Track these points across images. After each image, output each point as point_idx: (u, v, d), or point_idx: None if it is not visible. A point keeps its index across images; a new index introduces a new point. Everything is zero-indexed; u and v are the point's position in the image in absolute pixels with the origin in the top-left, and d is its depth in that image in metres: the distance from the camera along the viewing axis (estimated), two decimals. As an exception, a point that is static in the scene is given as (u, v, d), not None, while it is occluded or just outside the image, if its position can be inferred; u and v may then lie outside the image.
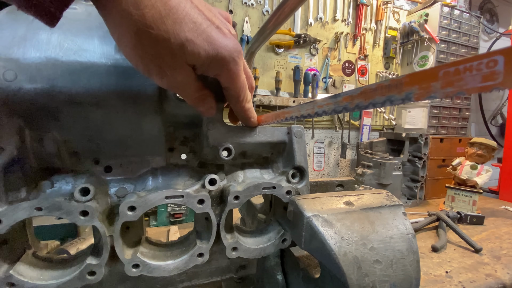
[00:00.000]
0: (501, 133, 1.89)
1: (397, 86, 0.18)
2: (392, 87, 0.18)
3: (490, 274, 0.65)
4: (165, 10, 0.21)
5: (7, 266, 0.27)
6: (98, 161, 0.33)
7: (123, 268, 0.29)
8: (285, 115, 0.33)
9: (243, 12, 1.17)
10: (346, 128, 1.42)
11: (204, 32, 0.23)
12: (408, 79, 0.17)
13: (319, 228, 0.28)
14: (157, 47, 0.22)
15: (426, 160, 1.19)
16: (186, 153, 0.37)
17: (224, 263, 0.41)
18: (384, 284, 0.26)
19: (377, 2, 1.43)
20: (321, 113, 0.26)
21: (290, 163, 0.37)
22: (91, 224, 0.27)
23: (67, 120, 0.29)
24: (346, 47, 1.41)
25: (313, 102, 0.27)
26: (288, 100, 1.23)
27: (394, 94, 0.18)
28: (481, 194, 1.01)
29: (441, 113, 1.41)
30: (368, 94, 0.20)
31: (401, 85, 0.18)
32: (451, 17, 1.38)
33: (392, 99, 0.18)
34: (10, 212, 0.25)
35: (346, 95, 0.22)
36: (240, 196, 0.32)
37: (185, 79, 0.25)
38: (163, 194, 0.29)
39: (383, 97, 0.19)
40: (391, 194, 0.34)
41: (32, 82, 0.26)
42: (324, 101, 0.25)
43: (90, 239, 0.66)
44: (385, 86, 0.19)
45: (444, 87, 0.15)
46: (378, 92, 0.20)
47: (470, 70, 0.14)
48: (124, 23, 0.21)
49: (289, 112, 0.32)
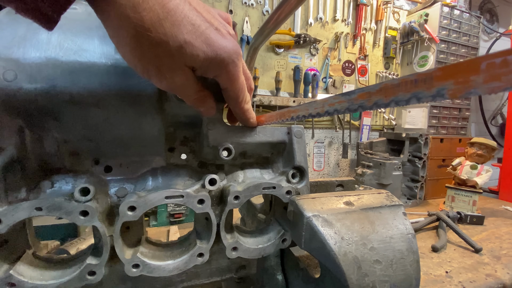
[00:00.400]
0: (501, 133, 1.89)
1: (426, 81, 0.16)
2: (420, 83, 0.16)
3: (490, 274, 0.65)
4: (163, 12, 0.21)
5: (7, 266, 0.27)
6: (98, 161, 0.33)
7: (123, 268, 0.29)
8: (291, 114, 0.31)
9: (243, 12, 1.17)
10: (346, 128, 1.42)
11: (203, 34, 0.23)
12: (440, 73, 0.15)
13: (319, 228, 0.28)
14: (155, 50, 0.22)
15: (426, 160, 1.19)
16: (186, 153, 0.37)
17: (224, 263, 0.41)
18: (384, 284, 0.26)
19: (377, 2, 1.43)
20: (332, 112, 0.24)
21: (290, 163, 0.37)
22: (91, 224, 0.27)
23: (67, 120, 0.29)
24: (346, 47, 1.41)
25: (323, 100, 0.25)
26: (288, 100, 1.23)
27: (422, 90, 0.16)
28: (481, 194, 1.01)
29: (441, 113, 1.41)
30: (389, 90, 0.18)
31: (431, 79, 0.15)
32: (451, 17, 1.38)
33: (420, 96, 0.16)
34: (10, 212, 0.25)
35: (362, 91, 0.20)
36: (240, 196, 0.32)
37: (184, 81, 0.25)
38: (163, 194, 0.29)
39: (408, 93, 0.17)
40: (391, 194, 0.34)
41: (32, 82, 0.26)
42: (336, 98, 0.23)
43: (90, 239, 0.66)
44: (411, 81, 0.16)
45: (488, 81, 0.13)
46: (401, 88, 0.17)
47: None
48: (123, 27, 0.21)
49: (295, 111, 0.30)
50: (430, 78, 0.15)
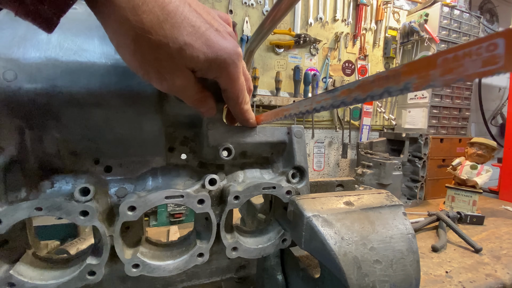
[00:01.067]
0: (501, 133, 1.89)
1: (395, 77, 0.17)
2: (390, 78, 0.18)
3: (490, 274, 0.65)
4: (163, 14, 0.21)
5: (7, 266, 0.27)
6: (98, 161, 0.33)
7: (123, 268, 0.29)
8: (284, 112, 0.32)
9: (243, 12, 1.17)
10: (346, 128, 1.42)
11: (203, 35, 0.23)
12: (406, 69, 0.17)
13: (319, 228, 0.28)
14: (156, 52, 0.22)
15: (426, 160, 1.19)
16: (186, 153, 0.37)
17: (224, 263, 0.41)
18: (384, 284, 0.26)
19: (377, 2, 1.43)
20: (319, 109, 0.26)
21: (290, 163, 0.37)
22: (91, 224, 0.27)
23: (67, 120, 0.29)
24: (346, 47, 1.41)
25: (311, 98, 0.27)
26: (288, 100, 1.23)
27: (392, 85, 0.18)
28: (481, 194, 1.01)
29: (441, 113, 1.41)
30: (366, 86, 0.20)
31: (399, 75, 0.17)
32: (451, 17, 1.38)
33: (390, 90, 0.18)
34: (10, 212, 0.25)
35: (343, 88, 0.22)
36: (240, 196, 0.32)
37: (185, 82, 0.25)
38: (163, 194, 0.29)
39: (381, 88, 0.19)
40: (391, 194, 0.34)
41: (32, 82, 0.26)
42: (322, 96, 0.25)
43: (90, 239, 0.66)
44: (383, 77, 0.18)
45: (443, 75, 0.15)
46: (376, 84, 0.19)
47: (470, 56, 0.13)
48: (123, 29, 0.20)
49: (287, 110, 0.32)
50: (399, 74, 0.17)
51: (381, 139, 1.31)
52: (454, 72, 0.14)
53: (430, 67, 0.15)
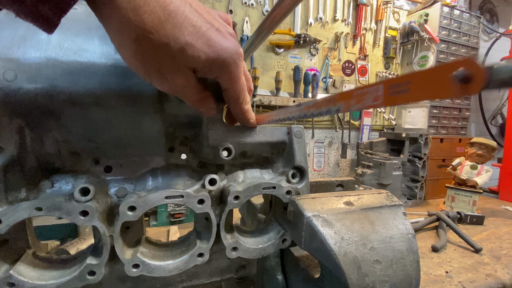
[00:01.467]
0: (501, 133, 1.89)
1: (333, 101, 0.25)
2: (331, 101, 0.25)
3: (490, 274, 0.65)
4: (164, 15, 0.21)
5: (7, 266, 0.27)
6: (98, 161, 0.33)
7: (123, 268, 0.29)
8: (268, 118, 0.37)
9: (243, 12, 1.17)
10: (346, 128, 1.42)
11: (204, 35, 0.23)
12: (339, 96, 0.24)
13: (319, 228, 0.28)
14: (157, 52, 0.22)
15: (426, 160, 1.19)
16: (186, 153, 0.37)
17: (224, 263, 0.41)
18: (384, 284, 0.26)
19: (377, 2, 1.43)
20: (291, 118, 0.33)
21: (290, 163, 0.37)
22: (91, 224, 0.27)
23: (67, 120, 0.29)
24: (346, 47, 1.41)
25: (286, 108, 0.33)
26: (288, 100, 1.23)
27: (332, 106, 0.25)
28: (481, 194, 1.01)
29: (441, 113, 1.41)
30: (318, 105, 0.27)
31: (335, 100, 0.24)
32: (451, 17, 1.38)
33: (331, 109, 0.25)
34: (10, 212, 0.25)
35: (306, 105, 0.29)
36: (240, 196, 0.32)
37: (186, 82, 0.25)
38: (163, 194, 0.29)
39: (326, 108, 0.26)
40: (391, 194, 0.34)
41: (32, 82, 0.26)
42: (293, 108, 0.32)
43: (90, 239, 0.66)
44: (327, 100, 0.25)
45: (358, 103, 0.22)
46: (323, 104, 0.26)
47: (367, 94, 0.20)
48: (124, 30, 0.20)
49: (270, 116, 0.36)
50: (335, 99, 0.24)
51: (381, 139, 1.31)
52: (361, 103, 0.21)
53: (350, 98, 0.22)
